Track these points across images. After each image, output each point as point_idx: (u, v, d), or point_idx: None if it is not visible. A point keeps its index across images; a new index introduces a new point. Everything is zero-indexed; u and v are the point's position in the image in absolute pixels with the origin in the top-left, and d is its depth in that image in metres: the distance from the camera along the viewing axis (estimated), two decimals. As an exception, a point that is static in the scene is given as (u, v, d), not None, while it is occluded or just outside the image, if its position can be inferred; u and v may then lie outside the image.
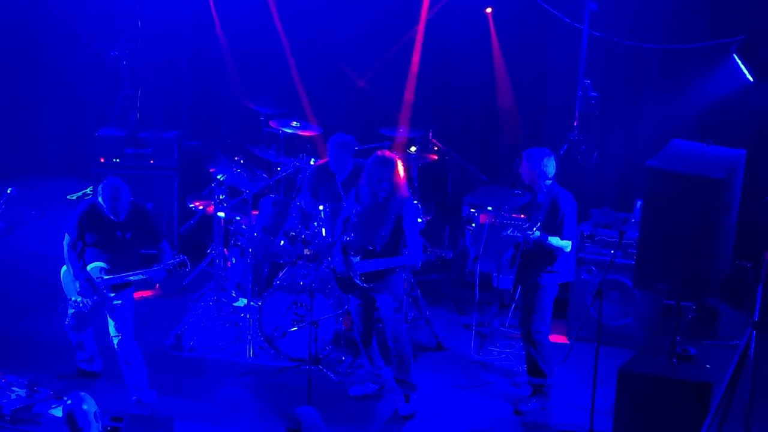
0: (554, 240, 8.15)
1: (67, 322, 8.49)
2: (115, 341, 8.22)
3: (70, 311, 8.42)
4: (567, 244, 8.24)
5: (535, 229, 8.04)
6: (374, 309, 8.42)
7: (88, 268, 8.18)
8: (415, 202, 9.17)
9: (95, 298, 8.20)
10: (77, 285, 8.20)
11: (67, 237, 8.32)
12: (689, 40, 10.56)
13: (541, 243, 8.12)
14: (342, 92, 11.97)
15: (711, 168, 7.13)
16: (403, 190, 8.17)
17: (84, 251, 8.24)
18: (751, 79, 9.95)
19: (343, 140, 9.67)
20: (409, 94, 11.72)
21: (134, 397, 8.28)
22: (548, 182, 8.29)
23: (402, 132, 11.14)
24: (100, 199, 8.11)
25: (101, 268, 8.14)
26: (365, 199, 8.24)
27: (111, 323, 8.23)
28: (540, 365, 8.45)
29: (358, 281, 8.19)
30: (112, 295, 8.17)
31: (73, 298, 8.31)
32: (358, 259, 8.18)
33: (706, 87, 10.56)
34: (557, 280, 8.39)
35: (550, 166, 8.26)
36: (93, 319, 8.48)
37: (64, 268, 8.36)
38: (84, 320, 8.46)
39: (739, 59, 9.90)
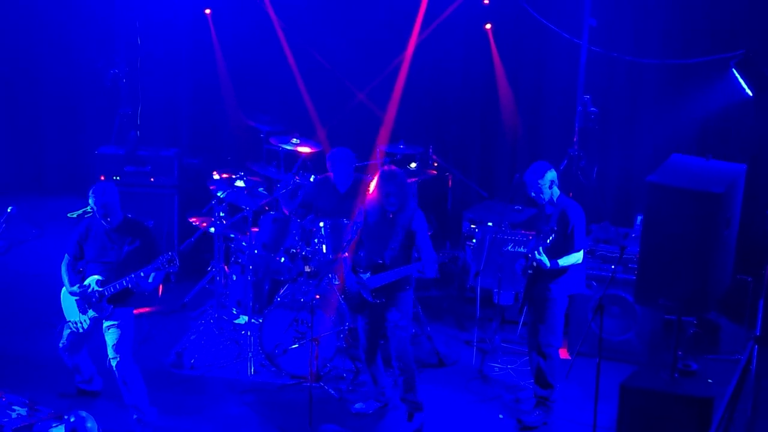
0: (564, 260, 8.13)
1: (61, 345, 8.44)
2: (114, 363, 8.16)
3: (66, 332, 8.40)
4: (578, 257, 8.23)
5: (540, 250, 8.02)
6: (381, 328, 8.41)
7: (86, 282, 8.16)
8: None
9: (92, 314, 8.17)
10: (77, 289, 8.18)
11: (66, 257, 8.32)
12: (688, 55, 10.59)
13: (554, 267, 8.13)
14: (341, 108, 11.97)
15: (711, 183, 7.14)
16: (412, 203, 8.20)
17: (85, 270, 8.24)
18: (751, 94, 9.97)
19: (344, 152, 9.69)
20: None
21: (135, 416, 8.25)
22: (556, 194, 8.27)
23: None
24: (91, 201, 8.11)
25: (97, 281, 8.12)
26: (373, 214, 8.26)
27: (109, 344, 8.19)
28: (548, 378, 8.43)
29: (368, 297, 8.20)
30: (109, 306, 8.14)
31: (74, 319, 8.28)
32: (368, 275, 8.19)
33: (706, 102, 10.59)
34: (567, 291, 8.36)
35: (546, 182, 8.23)
36: (90, 340, 8.45)
37: (64, 289, 8.34)
38: (79, 343, 8.43)
39: (739, 74, 9.92)
